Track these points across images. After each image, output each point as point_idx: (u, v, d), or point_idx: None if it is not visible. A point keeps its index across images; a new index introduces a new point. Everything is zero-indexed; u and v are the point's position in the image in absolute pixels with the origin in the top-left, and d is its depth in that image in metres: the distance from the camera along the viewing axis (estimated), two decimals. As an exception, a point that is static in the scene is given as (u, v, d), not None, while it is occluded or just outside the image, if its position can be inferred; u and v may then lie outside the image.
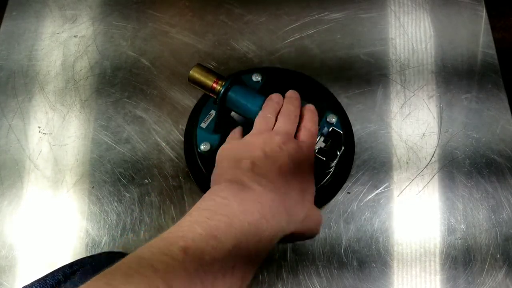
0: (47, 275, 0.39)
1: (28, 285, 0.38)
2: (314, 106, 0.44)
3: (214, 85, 0.45)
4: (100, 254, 0.43)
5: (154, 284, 0.24)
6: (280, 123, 0.41)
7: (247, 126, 0.43)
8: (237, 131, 0.45)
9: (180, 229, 0.29)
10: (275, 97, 0.44)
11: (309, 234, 0.38)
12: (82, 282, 0.25)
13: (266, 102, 0.44)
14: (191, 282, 0.26)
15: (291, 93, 0.44)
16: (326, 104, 0.51)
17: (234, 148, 0.39)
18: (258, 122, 0.41)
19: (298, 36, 0.58)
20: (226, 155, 0.39)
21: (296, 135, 0.41)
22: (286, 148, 0.37)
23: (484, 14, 0.59)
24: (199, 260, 0.27)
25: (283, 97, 0.44)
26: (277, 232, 0.32)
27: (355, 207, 0.49)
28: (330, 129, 0.43)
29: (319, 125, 0.46)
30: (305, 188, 0.37)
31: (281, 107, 0.43)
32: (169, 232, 0.29)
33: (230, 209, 0.30)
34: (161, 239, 0.28)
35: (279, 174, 0.35)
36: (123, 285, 0.24)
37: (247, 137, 0.40)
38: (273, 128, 0.40)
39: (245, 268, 0.30)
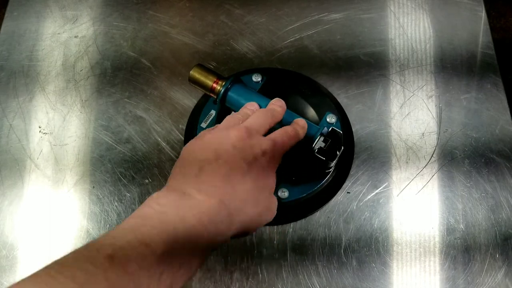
0: None
1: None
2: (304, 121, 0.43)
3: (214, 85, 0.46)
4: None
5: None
6: (249, 118, 0.40)
7: None
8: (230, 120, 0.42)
9: (111, 236, 0.29)
10: (250, 105, 0.43)
11: (259, 226, 0.38)
12: None
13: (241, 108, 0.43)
14: None
15: (276, 100, 0.43)
16: (326, 104, 0.51)
17: (191, 150, 0.38)
18: (225, 119, 0.41)
19: (298, 37, 0.58)
20: (183, 156, 0.37)
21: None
22: (241, 146, 0.36)
23: (483, 14, 0.59)
24: (124, 269, 0.27)
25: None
26: (215, 237, 0.32)
27: (354, 207, 0.49)
28: (329, 129, 0.44)
29: (318, 124, 0.46)
30: (260, 186, 0.36)
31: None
32: (100, 239, 0.29)
33: (165, 217, 0.31)
34: (90, 246, 0.28)
35: (225, 178, 0.35)
36: None
37: (208, 134, 0.38)
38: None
39: (175, 275, 0.30)
